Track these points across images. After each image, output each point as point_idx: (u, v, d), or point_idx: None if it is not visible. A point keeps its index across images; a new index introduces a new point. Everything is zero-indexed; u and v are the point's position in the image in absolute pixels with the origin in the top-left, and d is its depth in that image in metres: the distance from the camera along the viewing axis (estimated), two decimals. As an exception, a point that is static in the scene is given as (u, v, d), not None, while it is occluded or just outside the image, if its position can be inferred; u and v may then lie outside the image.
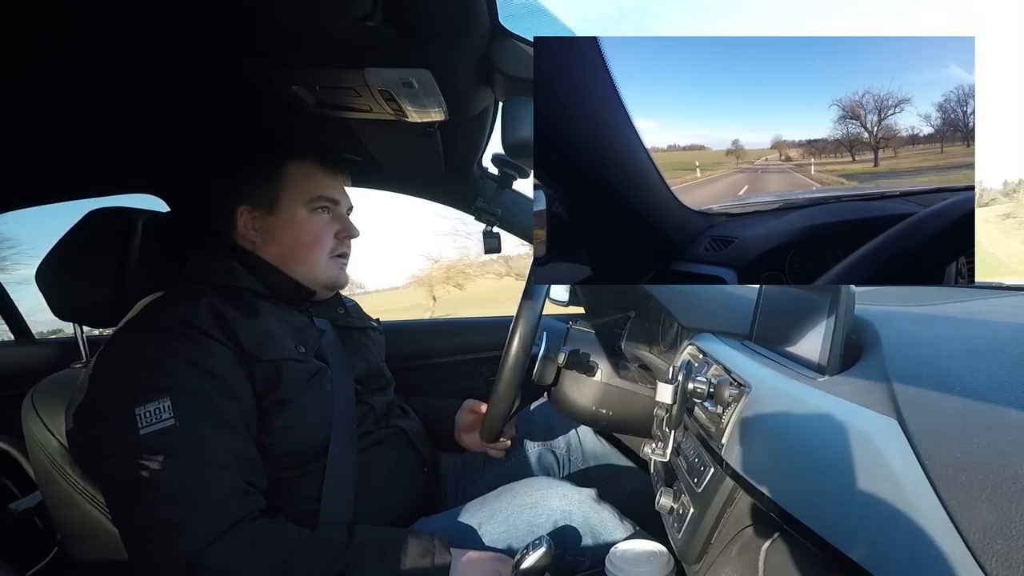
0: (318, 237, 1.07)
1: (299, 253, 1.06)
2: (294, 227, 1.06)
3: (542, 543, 0.85)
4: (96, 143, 1.22)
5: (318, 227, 1.07)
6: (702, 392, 0.73)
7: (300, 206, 1.06)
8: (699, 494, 0.75)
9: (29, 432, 0.99)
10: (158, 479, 0.77)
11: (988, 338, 0.60)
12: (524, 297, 0.96)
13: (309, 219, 1.06)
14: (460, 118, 1.07)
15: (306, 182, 1.06)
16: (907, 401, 0.48)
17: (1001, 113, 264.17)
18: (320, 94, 0.98)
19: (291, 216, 1.05)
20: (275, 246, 1.06)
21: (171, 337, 0.86)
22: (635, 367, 1.18)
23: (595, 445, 1.34)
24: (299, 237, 1.06)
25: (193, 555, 0.75)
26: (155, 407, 0.80)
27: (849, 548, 0.43)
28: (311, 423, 0.96)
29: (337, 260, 1.11)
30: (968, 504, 0.36)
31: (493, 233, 1.45)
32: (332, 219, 1.10)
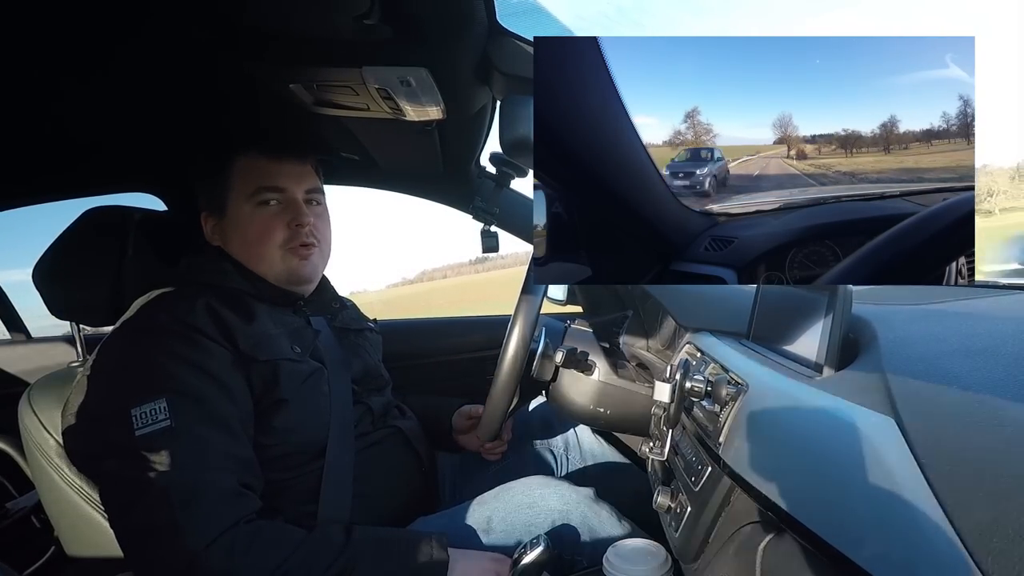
0: (265, 231, 1.02)
1: (253, 252, 1.03)
2: (241, 226, 1.02)
3: (540, 542, 0.85)
4: (94, 142, 1.22)
5: (263, 221, 1.02)
6: (700, 391, 0.73)
7: (243, 203, 1.02)
8: (696, 493, 0.75)
9: (26, 431, 0.99)
10: (154, 481, 0.77)
11: (985, 336, 0.60)
12: (522, 295, 0.96)
13: (254, 214, 1.02)
14: (458, 117, 1.07)
15: (248, 176, 1.03)
16: (904, 399, 0.48)
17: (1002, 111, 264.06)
18: (318, 92, 0.98)
19: (237, 215, 1.02)
20: (235, 249, 1.04)
21: (168, 337, 0.86)
22: (633, 366, 1.18)
23: (593, 444, 1.34)
24: (247, 235, 1.02)
25: (190, 557, 0.75)
26: (151, 408, 0.80)
27: (846, 546, 0.43)
28: (309, 424, 0.96)
29: (296, 251, 1.04)
30: (965, 502, 0.36)
31: (491, 232, 1.45)
32: (281, 209, 1.04)
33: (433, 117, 1.04)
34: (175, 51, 0.86)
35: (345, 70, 0.89)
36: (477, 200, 1.39)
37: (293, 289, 1.08)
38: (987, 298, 0.85)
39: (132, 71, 0.91)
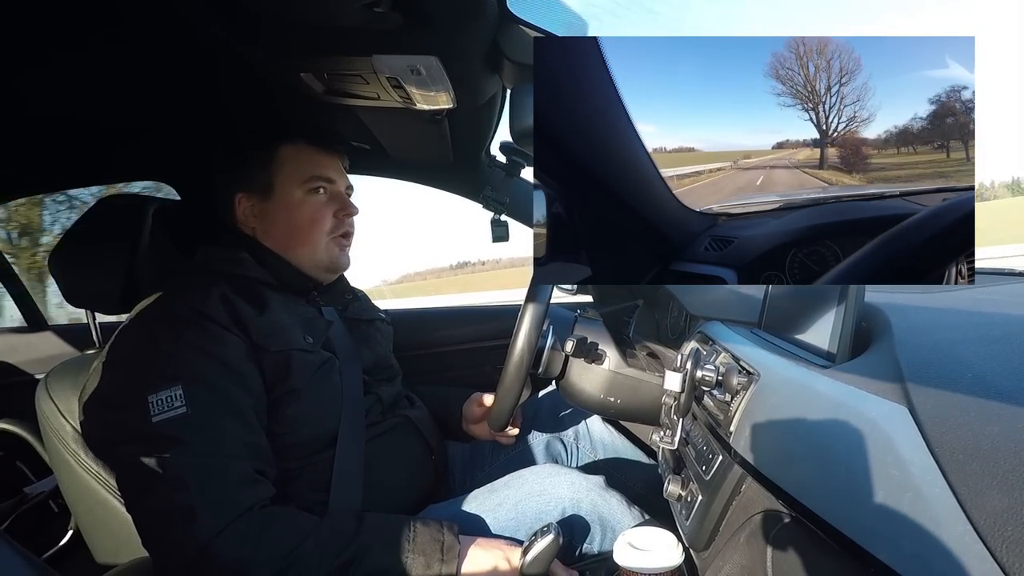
0: (316, 218, 1.07)
1: (298, 236, 1.06)
2: (291, 209, 1.05)
3: (550, 530, 0.85)
4: (108, 131, 1.23)
5: (315, 207, 1.07)
6: (710, 380, 0.73)
7: (295, 188, 1.05)
8: (707, 482, 0.75)
9: (43, 417, 1.00)
10: (170, 466, 0.78)
11: (1000, 324, 0.60)
12: (531, 285, 0.96)
13: (305, 200, 1.06)
14: (468, 106, 1.06)
15: (300, 163, 1.06)
16: (917, 388, 0.48)
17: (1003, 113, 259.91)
18: (328, 81, 0.98)
19: (287, 199, 1.05)
20: (274, 231, 1.06)
21: (184, 326, 0.87)
22: (643, 355, 1.18)
23: (603, 433, 1.34)
24: (296, 219, 1.06)
25: (205, 541, 0.76)
26: (167, 395, 0.81)
27: (858, 535, 0.43)
28: (320, 413, 0.97)
29: (338, 241, 1.10)
30: (978, 491, 0.36)
31: (501, 222, 1.45)
32: (329, 199, 1.09)
33: (443, 106, 1.04)
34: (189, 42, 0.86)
35: (355, 59, 0.89)
36: (487, 189, 1.39)
37: (322, 276, 1.11)
38: (1001, 286, 0.84)
39: (143, 60, 0.92)
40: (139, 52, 0.89)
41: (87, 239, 1.04)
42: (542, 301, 0.95)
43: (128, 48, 0.87)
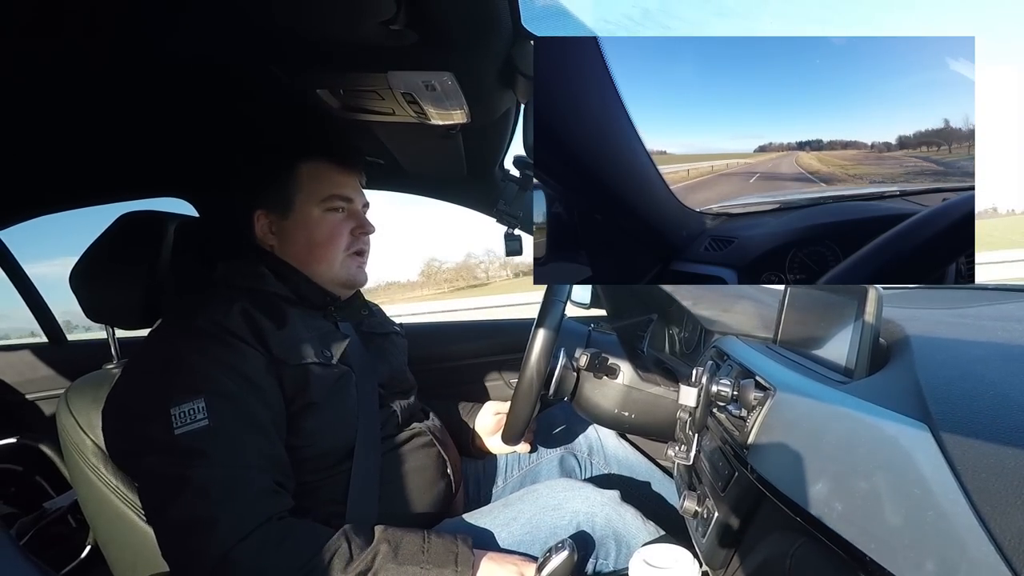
0: (333, 235, 1.08)
1: (316, 253, 1.07)
2: (309, 227, 1.07)
3: (565, 546, 0.85)
4: (128, 148, 1.25)
5: (332, 225, 1.08)
6: (726, 395, 0.72)
7: (313, 206, 1.06)
8: (723, 498, 0.74)
9: (63, 432, 1.01)
10: (192, 477, 0.79)
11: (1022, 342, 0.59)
12: (545, 299, 0.96)
13: (323, 218, 1.07)
14: (482, 121, 1.07)
15: (319, 182, 1.07)
16: (938, 405, 0.47)
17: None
18: (344, 97, 1.00)
19: (305, 217, 1.06)
20: (292, 248, 1.07)
21: (206, 340, 0.88)
22: (658, 370, 1.17)
23: (617, 448, 1.33)
24: (314, 236, 1.07)
25: (224, 551, 0.77)
26: (190, 408, 0.82)
27: (878, 554, 0.42)
28: (337, 427, 0.97)
29: (354, 258, 1.11)
30: (1002, 510, 0.36)
31: (515, 236, 1.45)
32: (347, 217, 1.10)
33: (457, 121, 1.05)
34: (208, 60, 0.88)
35: (371, 75, 0.90)
36: (501, 203, 1.40)
37: (339, 292, 1.12)
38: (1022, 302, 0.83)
39: (162, 78, 0.94)
40: (159, 70, 0.91)
41: (108, 255, 1.06)
42: (556, 314, 0.95)
43: (149, 66, 0.89)
